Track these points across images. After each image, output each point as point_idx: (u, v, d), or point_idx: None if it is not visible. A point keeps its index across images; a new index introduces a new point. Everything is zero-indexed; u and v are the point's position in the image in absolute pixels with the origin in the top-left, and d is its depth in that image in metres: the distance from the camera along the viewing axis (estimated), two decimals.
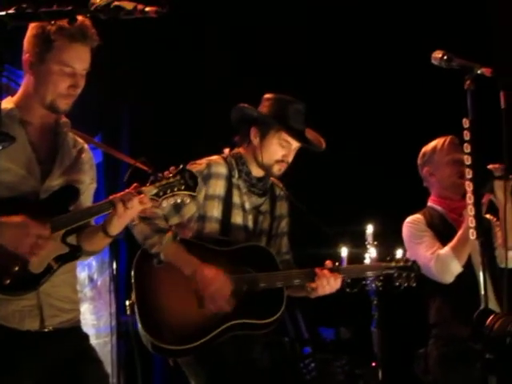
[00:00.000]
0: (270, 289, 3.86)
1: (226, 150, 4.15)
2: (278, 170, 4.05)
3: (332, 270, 3.90)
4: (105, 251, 6.47)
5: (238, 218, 4.03)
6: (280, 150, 4.01)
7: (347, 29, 7.45)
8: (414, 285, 4.15)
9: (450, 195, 4.58)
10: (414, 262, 4.14)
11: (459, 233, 4.32)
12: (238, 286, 3.82)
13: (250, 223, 4.07)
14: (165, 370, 7.00)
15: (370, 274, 4.18)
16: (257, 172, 4.08)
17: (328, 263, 3.92)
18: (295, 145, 4.03)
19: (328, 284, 3.87)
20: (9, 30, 2.51)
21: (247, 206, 4.07)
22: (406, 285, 4.11)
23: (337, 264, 3.99)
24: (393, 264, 4.10)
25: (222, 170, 4.04)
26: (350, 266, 4.09)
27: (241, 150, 4.12)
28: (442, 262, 4.33)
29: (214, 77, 7.09)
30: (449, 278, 4.35)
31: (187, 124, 7.38)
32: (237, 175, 4.06)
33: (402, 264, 4.10)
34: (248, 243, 4.00)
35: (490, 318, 3.04)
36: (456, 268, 4.32)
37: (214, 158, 4.08)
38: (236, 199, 4.04)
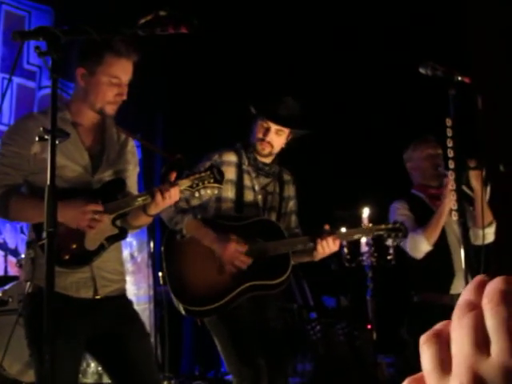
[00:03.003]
0: (277, 254, 3.84)
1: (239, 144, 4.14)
2: (261, 149, 4.00)
3: (330, 233, 3.84)
4: (143, 233, 6.50)
5: (249, 197, 4.00)
6: (261, 130, 3.96)
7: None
8: (402, 243, 4.16)
9: (429, 183, 4.58)
10: (402, 223, 4.05)
11: (431, 219, 4.32)
12: (250, 253, 3.82)
13: (260, 202, 4.04)
14: (193, 331, 7.04)
15: (362, 235, 4.14)
16: (262, 158, 4.06)
17: (326, 227, 3.88)
18: (273, 126, 3.96)
19: (328, 246, 3.80)
20: (62, 43, 2.50)
21: (257, 187, 4.04)
22: (395, 243, 4.09)
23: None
24: (383, 226, 4.04)
25: (232, 158, 4.01)
26: (346, 230, 3.99)
27: (249, 139, 4.11)
28: (415, 241, 4.32)
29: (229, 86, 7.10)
30: (419, 255, 4.35)
31: (208, 125, 7.42)
32: (246, 162, 4.03)
33: (390, 226, 4.03)
34: (257, 218, 3.98)
35: None
36: (425, 247, 4.31)
37: (226, 149, 4.07)
38: (247, 182, 4.02)
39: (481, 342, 0.55)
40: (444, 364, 0.56)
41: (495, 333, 0.54)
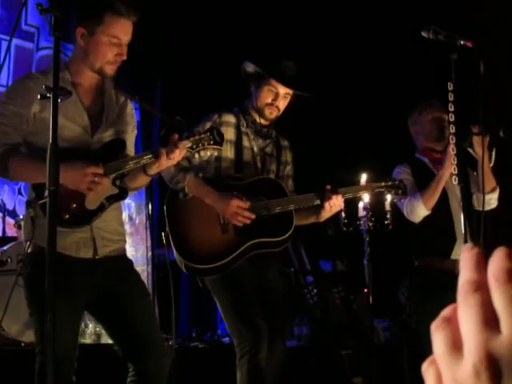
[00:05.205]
0: (281, 212, 3.84)
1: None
2: (269, 113, 3.98)
3: (333, 191, 3.83)
4: (141, 195, 6.50)
5: (248, 158, 3.99)
6: (269, 95, 3.94)
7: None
8: (399, 204, 4.29)
9: (433, 147, 4.55)
10: (401, 180, 4.10)
11: (430, 183, 4.30)
12: (253, 211, 3.80)
13: (259, 163, 4.03)
14: (190, 294, 7.08)
15: (363, 192, 4.12)
16: (262, 121, 4.04)
17: (328, 187, 3.87)
18: (282, 90, 3.94)
19: (334, 203, 3.81)
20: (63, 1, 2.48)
21: (255, 148, 4.03)
22: (394, 200, 4.15)
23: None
24: (382, 184, 4.06)
25: (231, 119, 3.99)
26: (347, 187, 3.99)
27: (246, 102, 4.08)
28: (412, 205, 4.31)
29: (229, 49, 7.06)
30: (416, 219, 4.34)
31: (207, 87, 7.40)
32: (245, 124, 4.02)
33: (390, 183, 4.05)
34: (259, 177, 3.97)
35: None
36: (422, 212, 4.30)
37: (225, 110, 4.04)
38: (246, 143, 4.00)
39: (490, 319, 0.55)
40: (455, 346, 0.57)
41: (505, 309, 0.55)
